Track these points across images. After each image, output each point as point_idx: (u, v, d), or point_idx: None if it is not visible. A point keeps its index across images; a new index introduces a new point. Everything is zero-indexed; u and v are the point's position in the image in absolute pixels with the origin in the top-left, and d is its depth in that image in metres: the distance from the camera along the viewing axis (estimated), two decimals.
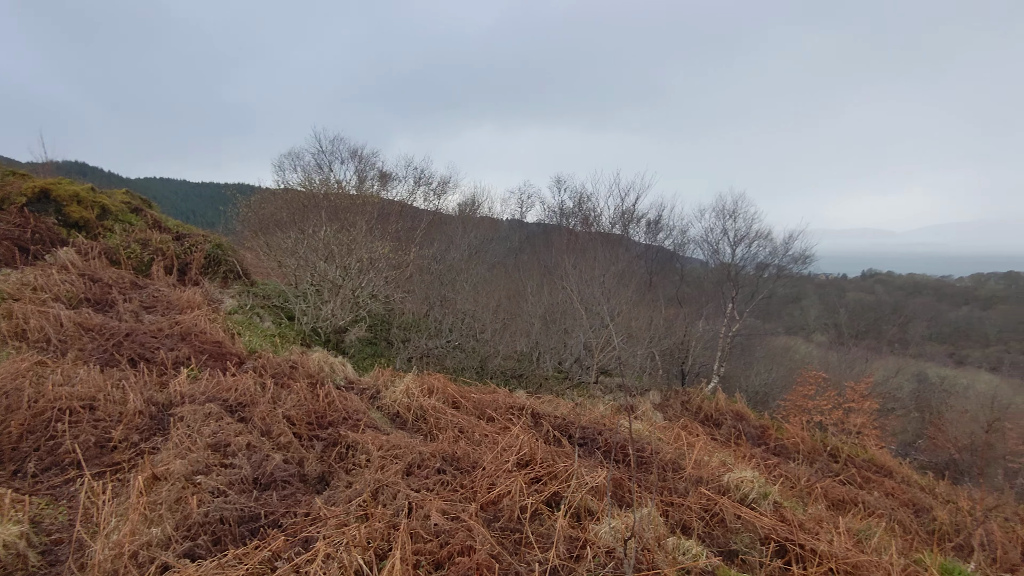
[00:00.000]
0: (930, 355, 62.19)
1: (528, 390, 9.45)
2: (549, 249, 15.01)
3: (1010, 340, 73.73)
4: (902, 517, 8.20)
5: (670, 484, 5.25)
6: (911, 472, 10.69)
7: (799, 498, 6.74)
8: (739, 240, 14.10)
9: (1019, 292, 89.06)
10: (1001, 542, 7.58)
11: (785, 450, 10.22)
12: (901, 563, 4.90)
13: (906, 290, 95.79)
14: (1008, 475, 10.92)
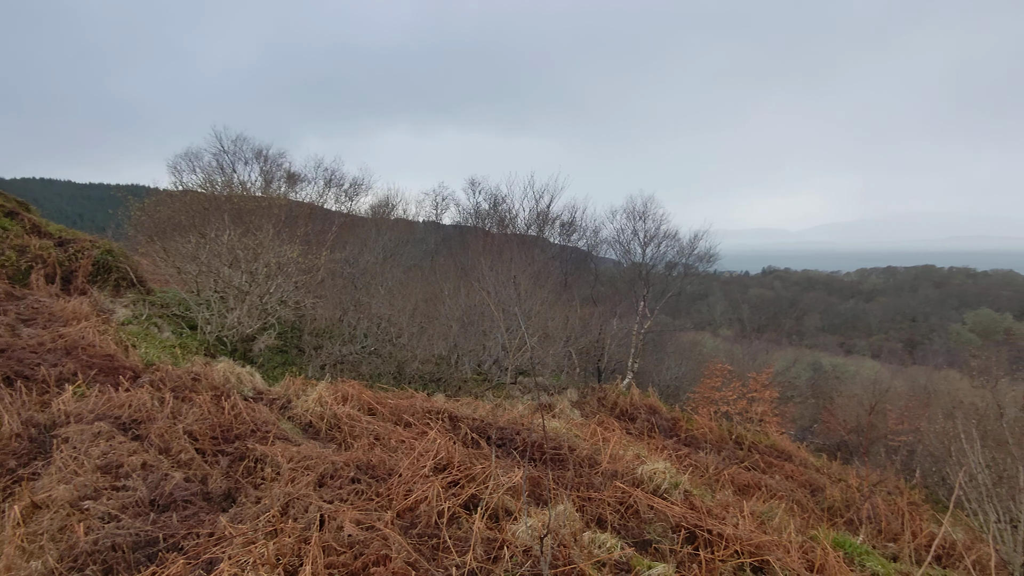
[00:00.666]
0: (823, 345, 67.06)
1: (447, 393, 9.39)
2: (466, 251, 15.00)
3: (889, 329, 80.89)
4: (800, 497, 8.79)
5: (586, 479, 5.35)
6: (808, 455, 11.45)
7: (708, 485, 7.07)
8: (649, 240, 14.70)
9: (896, 285, 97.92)
10: (884, 514, 8.28)
11: (695, 440, 10.69)
12: (799, 540, 5.24)
13: (801, 285, 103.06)
14: (889, 452, 11.95)
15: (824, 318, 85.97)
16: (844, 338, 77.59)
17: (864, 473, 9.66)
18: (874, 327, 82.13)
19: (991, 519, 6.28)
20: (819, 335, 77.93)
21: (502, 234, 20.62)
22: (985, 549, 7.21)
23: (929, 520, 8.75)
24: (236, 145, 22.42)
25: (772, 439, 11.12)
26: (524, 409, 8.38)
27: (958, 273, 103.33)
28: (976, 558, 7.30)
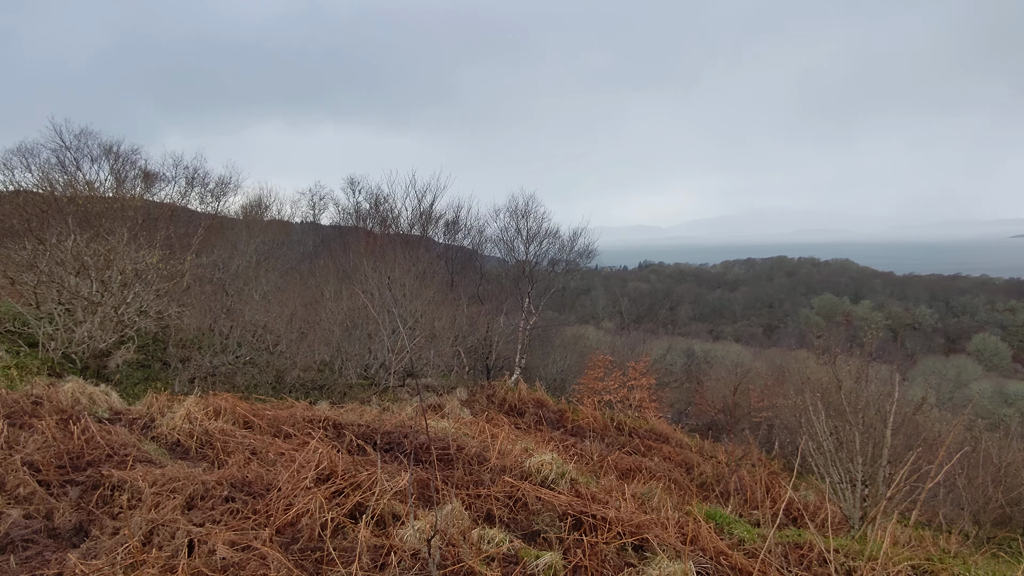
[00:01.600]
0: (695, 332, 72.02)
1: (331, 401, 9.04)
2: (347, 252, 14.55)
3: (751, 315, 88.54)
4: (677, 476, 9.40)
5: (476, 477, 5.38)
6: (683, 436, 12.26)
7: (593, 472, 7.37)
8: (532, 238, 15.05)
9: (755, 275, 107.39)
10: (749, 485, 9.06)
11: (581, 430, 11.09)
12: (675, 516, 5.59)
13: (674, 278, 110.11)
14: (752, 428, 13.10)
15: (695, 307, 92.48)
16: (713, 325, 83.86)
17: (731, 449, 10.49)
18: (738, 314, 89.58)
19: (834, 480, 7.05)
20: (691, 323, 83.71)
21: (385, 234, 20.18)
22: (831, 508, 8.09)
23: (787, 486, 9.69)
24: (80, 140, 20.02)
25: (651, 423, 11.78)
26: (412, 412, 8.27)
27: (805, 263, 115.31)
28: (824, 516, 8.17)
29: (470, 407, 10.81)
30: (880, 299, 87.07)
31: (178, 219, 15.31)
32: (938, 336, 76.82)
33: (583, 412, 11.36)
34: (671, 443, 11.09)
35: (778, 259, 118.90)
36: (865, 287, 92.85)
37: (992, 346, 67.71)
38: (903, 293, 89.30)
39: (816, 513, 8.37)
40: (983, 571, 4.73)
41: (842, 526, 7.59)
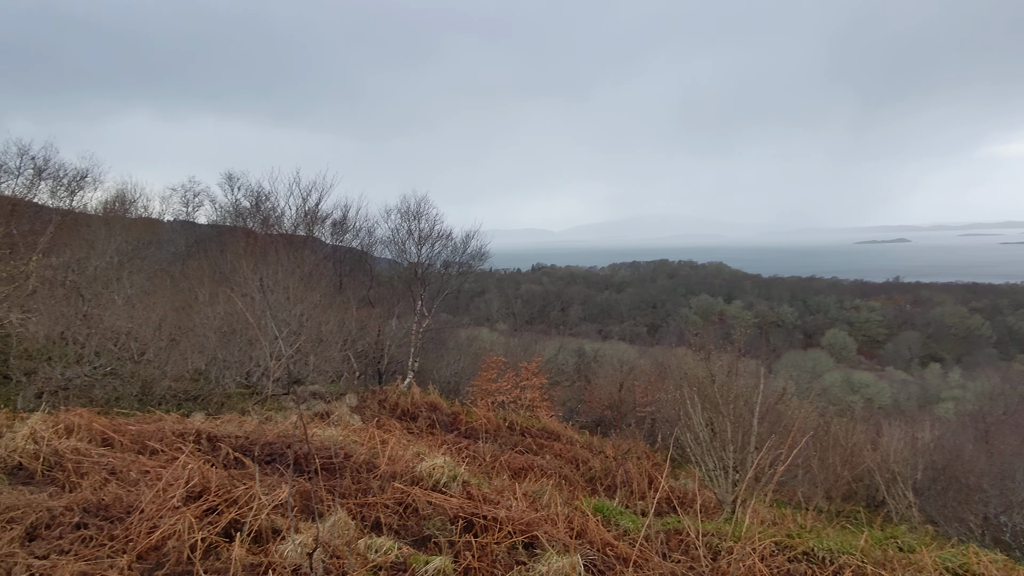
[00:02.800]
0: (585, 332, 74.60)
1: (207, 412, 8.42)
2: (224, 253, 13.61)
3: (636, 316, 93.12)
4: (568, 472, 9.65)
5: (364, 485, 5.22)
6: (574, 433, 12.61)
7: (486, 473, 7.39)
8: (424, 240, 14.85)
9: (640, 277, 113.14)
10: (634, 477, 9.49)
11: (474, 432, 11.10)
12: (565, 511, 5.72)
13: (565, 280, 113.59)
14: (637, 423, 13.75)
15: (585, 308, 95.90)
16: (602, 325, 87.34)
17: (617, 443, 10.93)
18: (625, 314, 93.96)
19: (709, 468, 7.56)
20: (581, 324, 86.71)
21: (267, 234, 19.09)
22: (708, 493, 8.66)
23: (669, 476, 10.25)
24: None
25: (543, 422, 12.02)
26: (297, 420, 7.89)
27: (684, 266, 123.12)
28: (702, 501, 8.71)
29: (360, 413, 10.49)
30: (749, 299, 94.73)
31: (22, 215, 13.58)
32: (798, 332, 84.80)
33: (477, 414, 11.38)
34: (562, 440, 11.38)
35: (660, 262, 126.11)
36: (737, 288, 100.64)
37: (841, 340, 75.83)
38: (768, 294, 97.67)
39: (694, 499, 8.90)
40: (832, 542, 5.21)
41: (717, 510, 8.15)
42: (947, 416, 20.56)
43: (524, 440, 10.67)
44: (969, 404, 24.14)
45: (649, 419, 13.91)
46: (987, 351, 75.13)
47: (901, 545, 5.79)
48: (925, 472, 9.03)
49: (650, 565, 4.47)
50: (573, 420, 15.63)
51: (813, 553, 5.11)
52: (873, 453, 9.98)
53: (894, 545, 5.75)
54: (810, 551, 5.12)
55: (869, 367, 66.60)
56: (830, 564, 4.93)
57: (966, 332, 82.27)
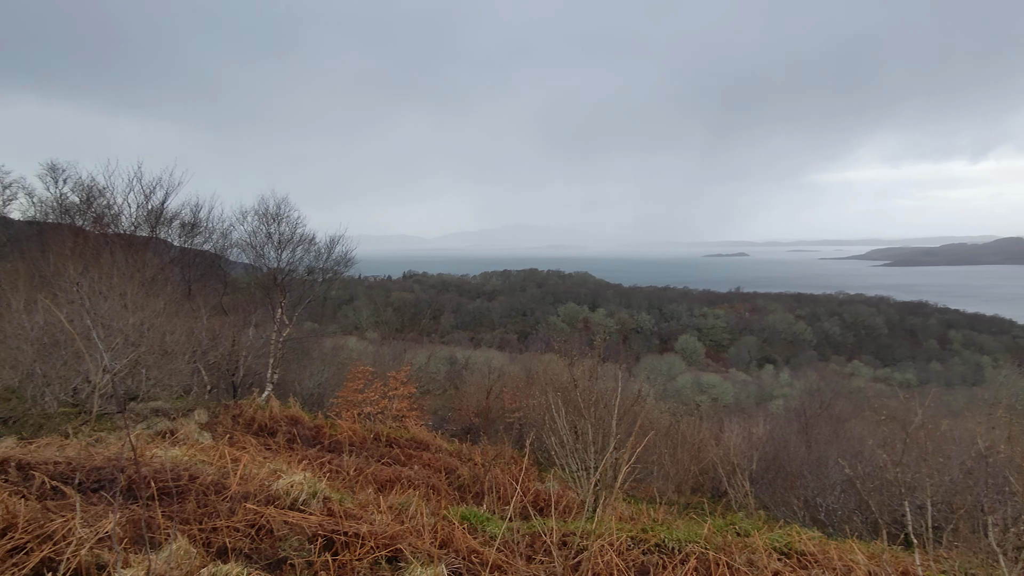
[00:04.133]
0: (457, 340, 74.74)
1: (22, 435, 7.33)
2: (46, 254, 11.91)
3: (507, 323, 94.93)
4: (436, 482, 9.55)
5: (211, 508, 4.80)
6: (443, 441, 12.52)
7: (349, 488, 7.10)
8: (284, 244, 13.98)
9: (511, 286, 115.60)
10: (502, 482, 9.61)
11: (339, 445, 10.66)
12: (431, 522, 5.65)
13: (437, 288, 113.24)
14: (506, 429, 13.96)
15: (457, 316, 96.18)
16: (474, 333, 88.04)
17: (486, 450, 11.02)
18: (496, 322, 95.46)
19: (573, 470, 7.85)
20: (454, 332, 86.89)
21: (101, 234, 17.01)
22: (572, 494, 8.98)
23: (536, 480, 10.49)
24: None
25: (412, 432, 11.82)
26: (136, 440, 7.11)
27: (553, 275, 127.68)
28: (566, 502, 9.00)
29: (212, 430, 9.68)
30: (612, 307, 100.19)
31: None
32: (655, 338, 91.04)
33: (342, 426, 10.95)
34: (431, 450, 11.25)
35: (530, 271, 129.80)
36: (600, 297, 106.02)
37: (692, 345, 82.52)
38: (629, 302, 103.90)
39: (559, 501, 9.18)
40: (681, 532, 5.61)
41: (580, 509, 8.47)
42: (777, 412, 23.05)
43: (392, 451, 10.42)
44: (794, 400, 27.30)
45: (517, 424, 14.18)
46: (809, 353, 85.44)
47: (739, 530, 6.37)
48: (759, 463, 10.04)
49: (513, 568, 4.53)
50: (443, 429, 15.55)
51: (664, 544, 5.46)
52: (717, 448, 10.92)
53: (732, 531, 6.30)
54: (662, 543, 5.47)
55: (715, 369, 73.13)
56: (679, 553, 5.29)
57: (793, 337, 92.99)
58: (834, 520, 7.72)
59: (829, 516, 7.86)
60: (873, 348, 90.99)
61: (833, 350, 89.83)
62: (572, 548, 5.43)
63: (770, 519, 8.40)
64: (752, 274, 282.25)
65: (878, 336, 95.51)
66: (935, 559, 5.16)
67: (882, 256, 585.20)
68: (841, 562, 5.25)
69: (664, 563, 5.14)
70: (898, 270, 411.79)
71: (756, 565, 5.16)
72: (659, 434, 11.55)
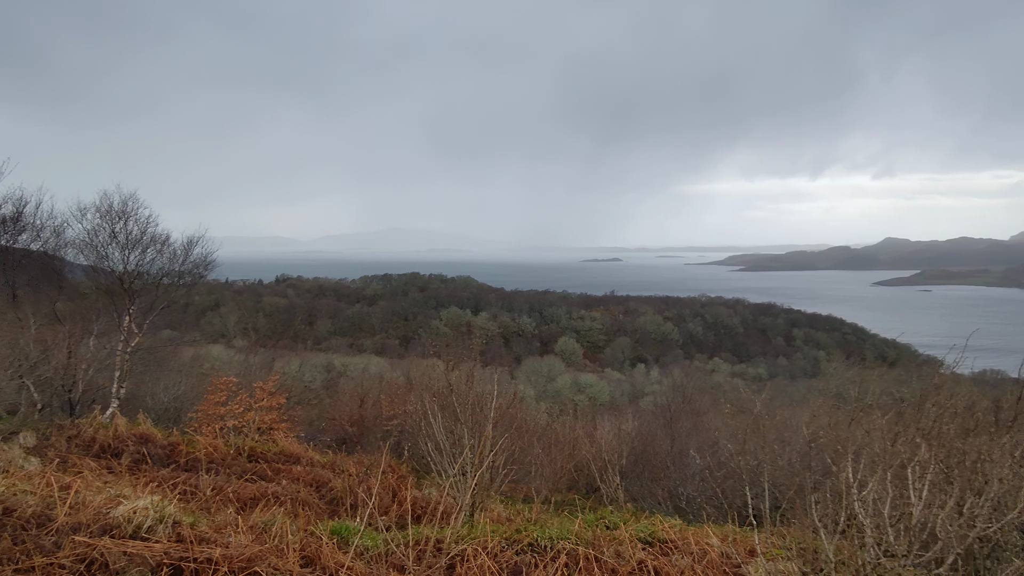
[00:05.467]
0: (335, 347, 72.09)
1: None
2: None
3: (389, 328, 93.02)
4: (306, 496, 9.08)
5: (33, 544, 4.21)
6: (316, 453, 11.96)
7: (205, 509, 6.55)
8: (132, 245, 12.57)
9: (392, 290, 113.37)
10: (379, 492, 9.34)
11: (198, 463, 9.85)
12: (297, 539, 5.35)
13: (313, 292, 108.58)
14: (384, 437, 13.60)
15: (335, 322, 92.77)
16: (353, 339, 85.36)
17: (361, 460, 10.67)
18: (377, 327, 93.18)
19: (450, 475, 7.78)
20: (331, 338, 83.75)
21: None
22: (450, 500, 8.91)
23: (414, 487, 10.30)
24: None
25: (280, 445, 11.19)
26: None
27: (435, 279, 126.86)
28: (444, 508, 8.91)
29: (41, 455, 8.54)
30: (494, 311, 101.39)
31: None
32: (536, 340, 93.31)
33: (201, 443, 10.11)
34: (302, 463, 10.70)
35: (412, 275, 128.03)
36: (483, 301, 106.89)
37: (570, 347, 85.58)
38: (511, 306, 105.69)
39: (436, 508, 9.07)
40: (553, 530, 5.74)
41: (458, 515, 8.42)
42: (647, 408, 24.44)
43: (258, 467, 9.78)
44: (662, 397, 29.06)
45: (396, 432, 13.87)
46: (676, 352, 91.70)
47: (608, 524, 6.62)
48: (628, 457, 10.56)
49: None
50: (317, 440, 14.88)
51: (537, 543, 5.55)
52: (590, 445, 11.35)
53: (602, 525, 6.54)
54: (535, 542, 5.56)
55: (593, 369, 76.31)
56: (550, 551, 5.40)
57: (662, 337, 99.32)
58: (693, 507, 8.28)
59: (689, 504, 8.41)
60: (731, 346, 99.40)
61: (697, 348, 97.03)
62: (447, 554, 5.38)
63: (638, 511, 8.84)
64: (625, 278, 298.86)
65: (735, 335, 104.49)
66: (776, 535, 5.67)
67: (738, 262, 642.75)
68: (698, 546, 5.62)
69: (536, 562, 5.23)
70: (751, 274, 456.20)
71: (623, 556, 5.39)
72: (536, 435, 11.79)
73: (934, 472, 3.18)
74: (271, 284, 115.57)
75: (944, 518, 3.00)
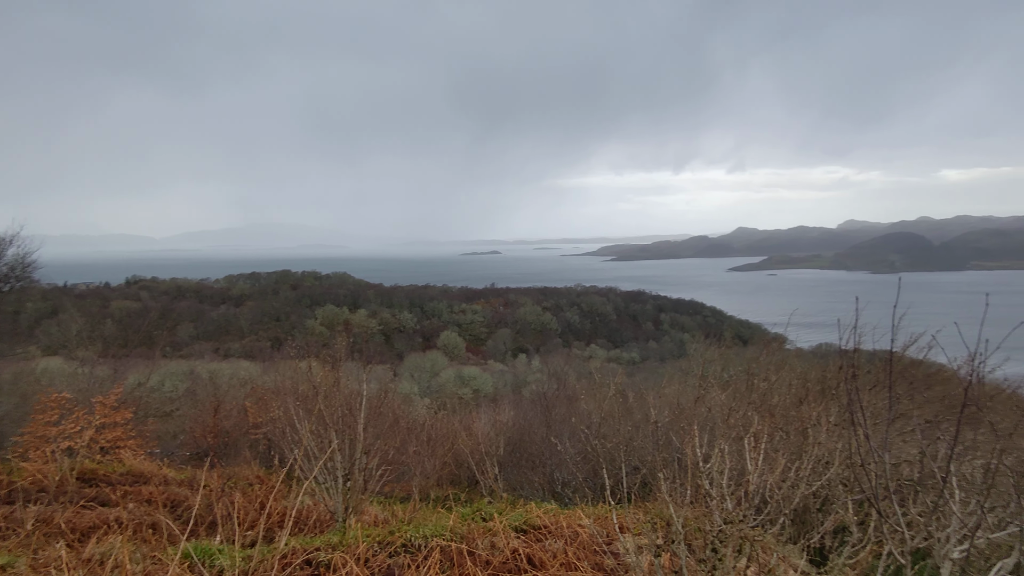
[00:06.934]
0: (199, 353, 66.78)
1: None
2: None
3: (259, 330, 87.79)
4: (158, 519, 8.27)
5: None
6: (172, 470, 10.95)
7: (26, 547, 5.75)
8: None
9: (261, 290, 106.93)
10: (242, 506, 8.71)
11: (26, 492, 8.65)
12: (140, 568, 4.86)
13: (171, 294, 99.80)
14: (251, 446, 12.76)
15: (198, 325, 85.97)
16: (219, 343, 79.63)
17: (223, 472, 9.94)
18: (246, 330, 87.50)
19: (321, 481, 7.43)
20: (195, 343, 77.61)
21: None
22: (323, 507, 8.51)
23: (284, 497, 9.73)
24: None
25: (128, 465, 10.12)
26: None
27: (308, 276, 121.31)
28: (317, 516, 8.51)
29: None
30: (373, 308, 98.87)
31: None
32: (417, 336, 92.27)
33: (28, 469, 8.89)
34: (154, 482, 9.74)
35: (283, 273, 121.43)
36: (361, 297, 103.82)
37: (453, 341, 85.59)
38: (391, 302, 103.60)
39: (309, 517, 8.66)
40: (428, 528, 5.65)
41: (331, 522, 8.06)
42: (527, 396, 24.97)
43: (99, 491, 8.76)
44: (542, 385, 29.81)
45: (264, 440, 13.06)
46: (555, 341, 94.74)
47: (483, 516, 6.63)
48: (506, 447, 10.69)
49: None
50: (175, 455, 13.68)
51: (411, 543, 5.43)
52: (468, 438, 11.36)
53: (477, 517, 6.55)
54: (408, 542, 5.44)
55: (476, 362, 76.85)
56: (424, 549, 5.30)
57: (541, 327, 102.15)
58: (568, 491, 8.54)
59: (564, 488, 8.66)
60: (606, 332, 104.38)
61: (574, 336, 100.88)
62: (317, 565, 5.13)
63: (516, 499, 8.97)
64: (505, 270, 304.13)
65: (609, 322, 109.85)
66: (643, 511, 5.97)
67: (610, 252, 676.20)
68: (570, 529, 5.78)
69: (409, 563, 5.12)
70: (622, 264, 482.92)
71: (497, 547, 5.41)
72: (415, 431, 11.60)
73: (767, 441, 3.48)
74: (121, 287, 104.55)
75: (773, 482, 3.30)
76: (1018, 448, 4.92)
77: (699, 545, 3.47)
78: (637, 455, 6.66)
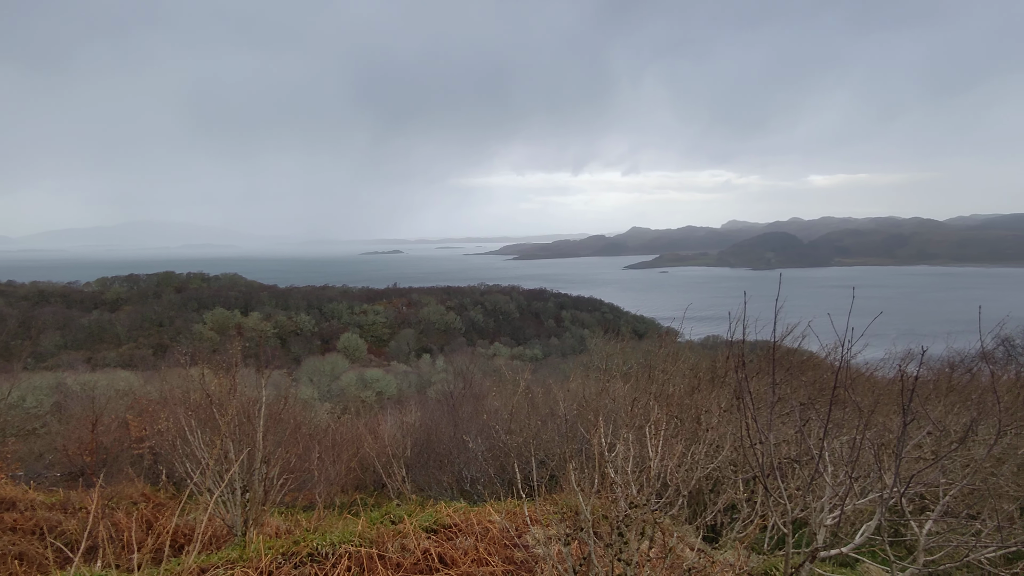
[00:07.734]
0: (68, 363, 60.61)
1: None
2: None
3: (139, 337, 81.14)
4: (26, 548, 7.49)
5: None
6: (39, 494, 9.93)
7: None
8: None
9: (141, 293, 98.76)
10: (126, 526, 8.05)
11: None
12: None
13: (32, 300, 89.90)
14: (135, 462, 11.80)
15: (66, 334, 78.09)
16: (91, 352, 72.82)
17: (104, 492, 9.14)
18: (123, 337, 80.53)
19: (217, 494, 7.01)
20: (62, 353, 70.37)
21: None
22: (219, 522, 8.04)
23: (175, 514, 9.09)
24: None
25: None
26: None
27: (195, 278, 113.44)
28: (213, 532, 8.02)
29: None
30: (268, 310, 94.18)
31: None
32: (316, 338, 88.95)
33: None
34: (19, 508, 8.78)
35: (165, 274, 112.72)
36: (254, 299, 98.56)
37: (354, 343, 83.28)
38: (286, 303, 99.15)
39: (204, 533, 8.15)
40: (335, 535, 5.50)
41: (229, 537, 7.63)
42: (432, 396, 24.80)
43: None
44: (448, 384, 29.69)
45: (150, 455, 12.11)
46: (459, 340, 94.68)
47: (393, 519, 6.55)
48: (413, 448, 10.58)
49: None
50: (42, 477, 12.40)
51: (318, 551, 5.27)
52: (373, 441, 11.13)
53: (387, 521, 6.46)
54: (315, 551, 5.27)
55: (378, 363, 75.19)
56: (331, 557, 5.17)
57: (445, 326, 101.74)
58: (478, 488, 8.60)
59: (473, 485, 8.72)
60: (509, 330, 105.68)
61: (479, 335, 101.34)
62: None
63: (425, 500, 8.91)
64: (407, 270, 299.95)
65: (512, 320, 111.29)
66: (551, 503, 6.14)
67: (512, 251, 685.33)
68: (480, 525, 5.84)
69: (317, 572, 4.98)
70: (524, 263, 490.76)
71: (407, 549, 5.37)
72: (317, 437, 11.22)
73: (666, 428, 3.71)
74: None
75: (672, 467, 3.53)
76: (877, 424, 5.56)
77: (605, 531, 3.64)
78: (545, 448, 6.83)
